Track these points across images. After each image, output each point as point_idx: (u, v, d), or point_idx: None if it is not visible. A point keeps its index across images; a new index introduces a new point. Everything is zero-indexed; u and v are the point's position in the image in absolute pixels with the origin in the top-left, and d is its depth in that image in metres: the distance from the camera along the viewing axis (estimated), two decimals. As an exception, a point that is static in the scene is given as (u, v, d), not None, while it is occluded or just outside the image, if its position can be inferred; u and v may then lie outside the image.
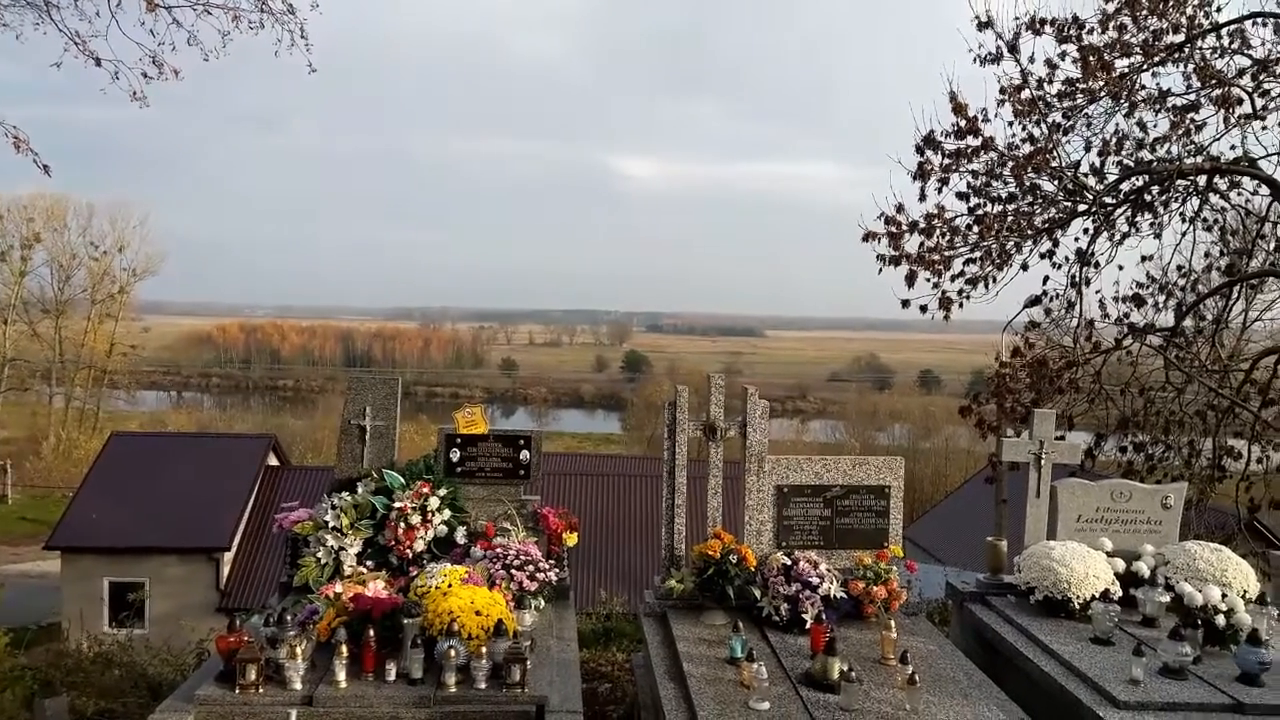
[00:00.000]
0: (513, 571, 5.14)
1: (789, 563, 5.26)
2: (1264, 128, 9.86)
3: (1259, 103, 9.78)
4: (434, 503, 5.66)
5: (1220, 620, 4.83)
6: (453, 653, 4.19)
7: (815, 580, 5.12)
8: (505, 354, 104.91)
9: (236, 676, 4.11)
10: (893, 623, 4.84)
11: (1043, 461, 5.91)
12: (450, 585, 4.65)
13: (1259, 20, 9.81)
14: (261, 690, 4.12)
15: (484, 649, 4.24)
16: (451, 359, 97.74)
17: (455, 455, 6.08)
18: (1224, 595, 4.97)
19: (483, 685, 4.17)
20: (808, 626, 4.91)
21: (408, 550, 5.53)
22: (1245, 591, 5.27)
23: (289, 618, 4.40)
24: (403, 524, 5.55)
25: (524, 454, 6.07)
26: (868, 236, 10.56)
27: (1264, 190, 10.30)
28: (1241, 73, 9.86)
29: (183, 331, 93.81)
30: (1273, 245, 11.17)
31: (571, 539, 5.76)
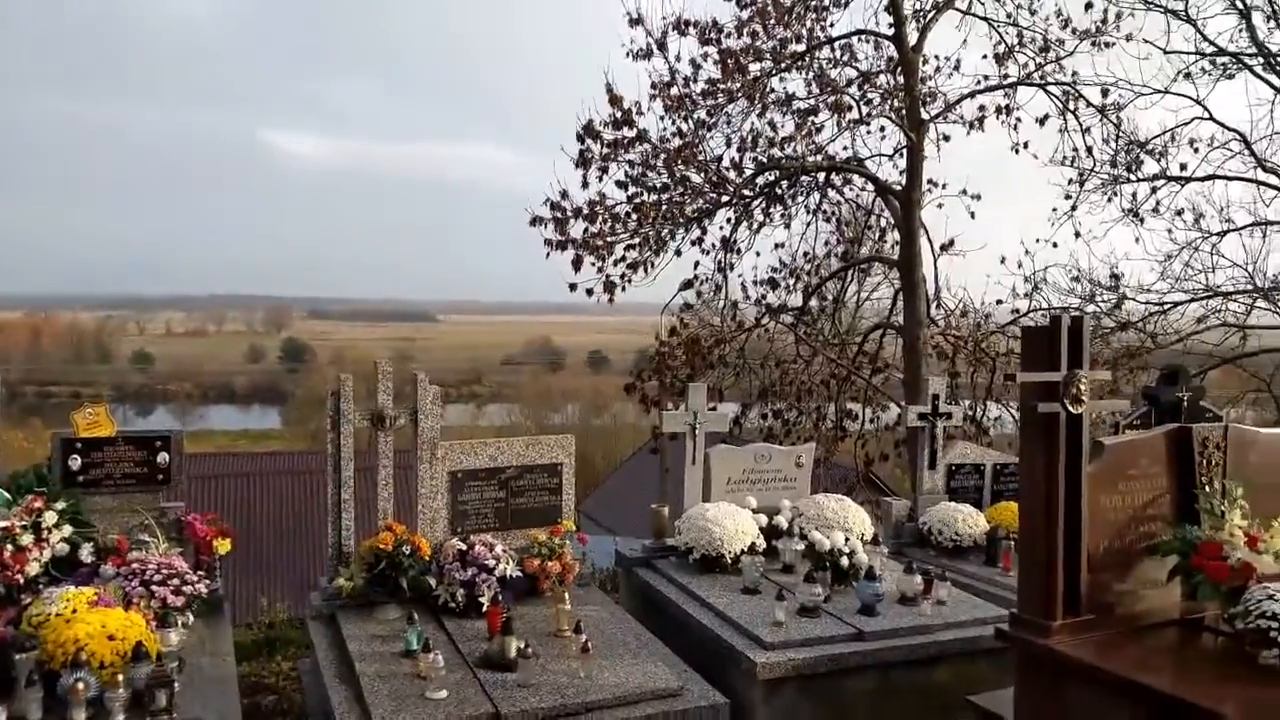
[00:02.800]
0: (153, 588, 4.58)
1: (464, 548, 5.21)
2: (868, 131, 11.39)
3: (864, 109, 11.25)
4: (50, 518, 4.88)
5: (845, 561, 5.51)
6: (81, 686, 3.64)
7: (491, 562, 5.12)
8: (139, 345, 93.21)
9: None
10: (567, 595, 4.97)
11: (697, 431, 6.37)
12: (75, 610, 4.04)
13: (863, 37, 11.27)
14: None
15: (120, 677, 3.73)
16: (70, 353, 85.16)
17: (76, 462, 5.29)
18: (846, 539, 5.68)
19: (121, 718, 3.68)
20: (485, 609, 4.89)
21: (18, 576, 4.72)
22: (863, 534, 6.07)
23: None
24: (10, 546, 4.73)
25: (162, 457, 5.42)
26: (534, 221, 10.75)
27: (870, 186, 11.90)
28: (850, 82, 11.29)
29: None
30: (878, 235, 12.96)
31: (224, 546, 5.25)
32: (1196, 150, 11.70)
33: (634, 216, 10.92)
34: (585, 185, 10.74)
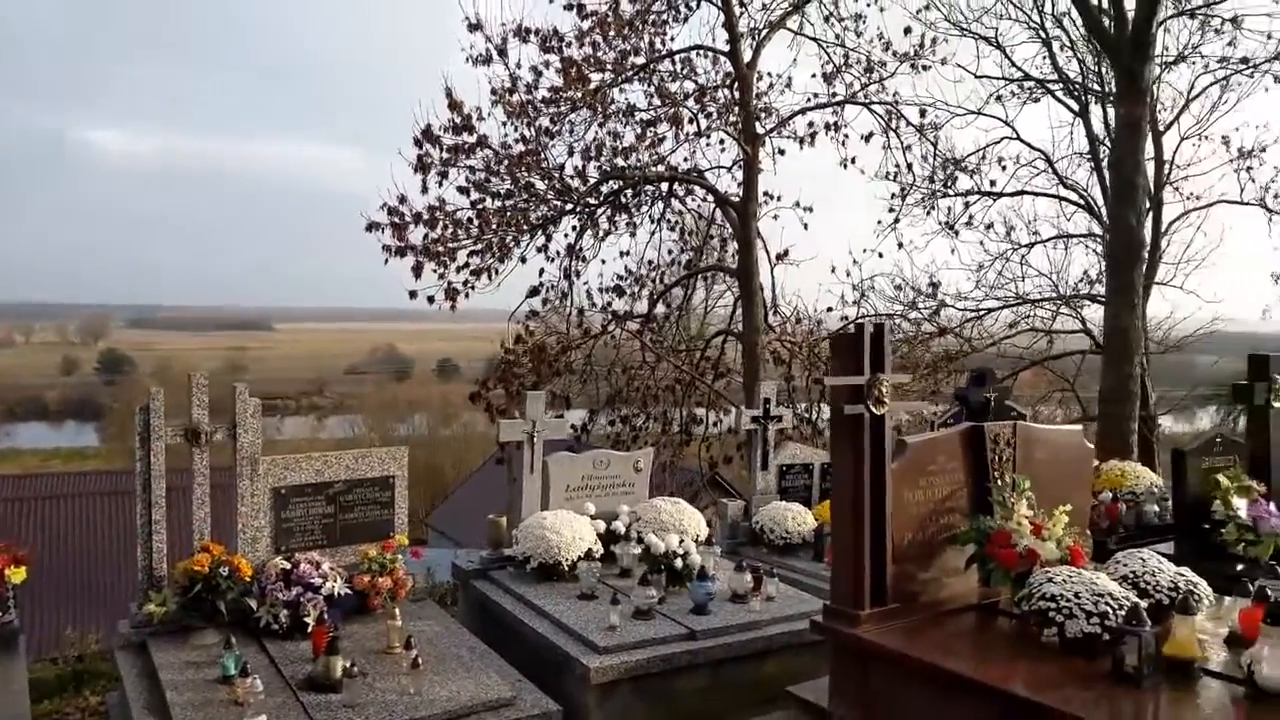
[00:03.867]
0: (-69, 625, 4.19)
1: (289, 567, 5.02)
2: (708, 144, 11.73)
3: (703, 122, 11.58)
4: None
5: (679, 563, 5.64)
6: None
7: (317, 581, 4.95)
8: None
9: None
10: (398, 611, 4.87)
11: (535, 439, 6.37)
12: None
13: (701, 52, 11.61)
14: None
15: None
16: None
17: None
18: (681, 541, 5.82)
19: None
20: (310, 629, 4.72)
21: None
22: (698, 536, 6.23)
23: None
24: None
25: (-54, 479, 4.96)
26: (371, 226, 10.48)
27: (711, 198, 12.25)
28: (688, 96, 11.60)
29: None
30: (719, 244, 13.35)
31: (18, 575, 4.85)
32: (1005, 168, 12.70)
33: (477, 223, 10.82)
34: (425, 190, 10.58)
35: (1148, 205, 14.43)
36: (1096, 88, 13.13)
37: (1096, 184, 13.45)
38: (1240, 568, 5.27)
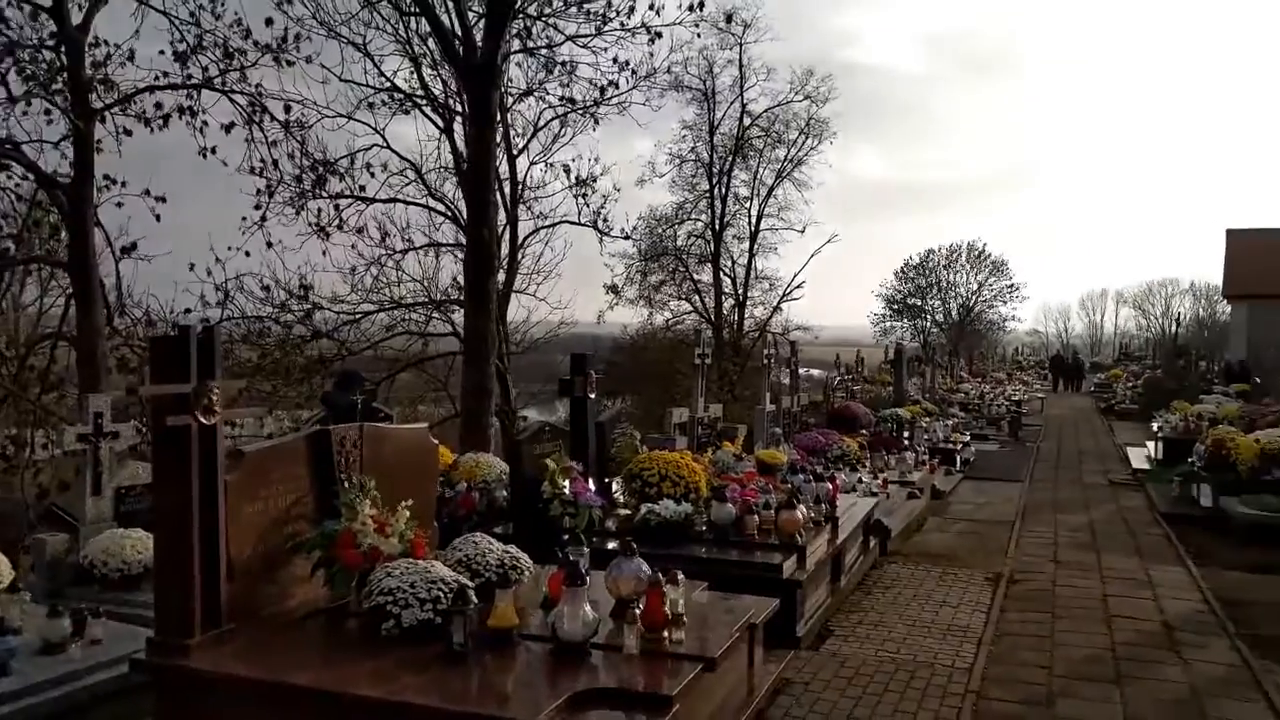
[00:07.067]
0: None
1: None
2: (24, 113, 9.84)
3: (17, 86, 9.69)
4: None
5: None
6: None
7: None
8: None
9: None
10: None
11: None
12: None
13: (16, 2, 9.69)
14: None
15: None
16: None
17: None
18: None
19: None
20: None
21: None
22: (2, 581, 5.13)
23: None
24: None
25: None
26: None
27: (32, 176, 10.31)
28: (-2, 51, 9.60)
29: None
30: (47, 232, 11.33)
31: None
32: (374, 175, 12.98)
33: None
34: None
35: (504, 220, 16.18)
36: (459, 108, 14.19)
37: (463, 198, 14.54)
38: (566, 538, 6.07)
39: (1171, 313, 63.02)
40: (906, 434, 14.39)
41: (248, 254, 11.76)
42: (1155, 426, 15.82)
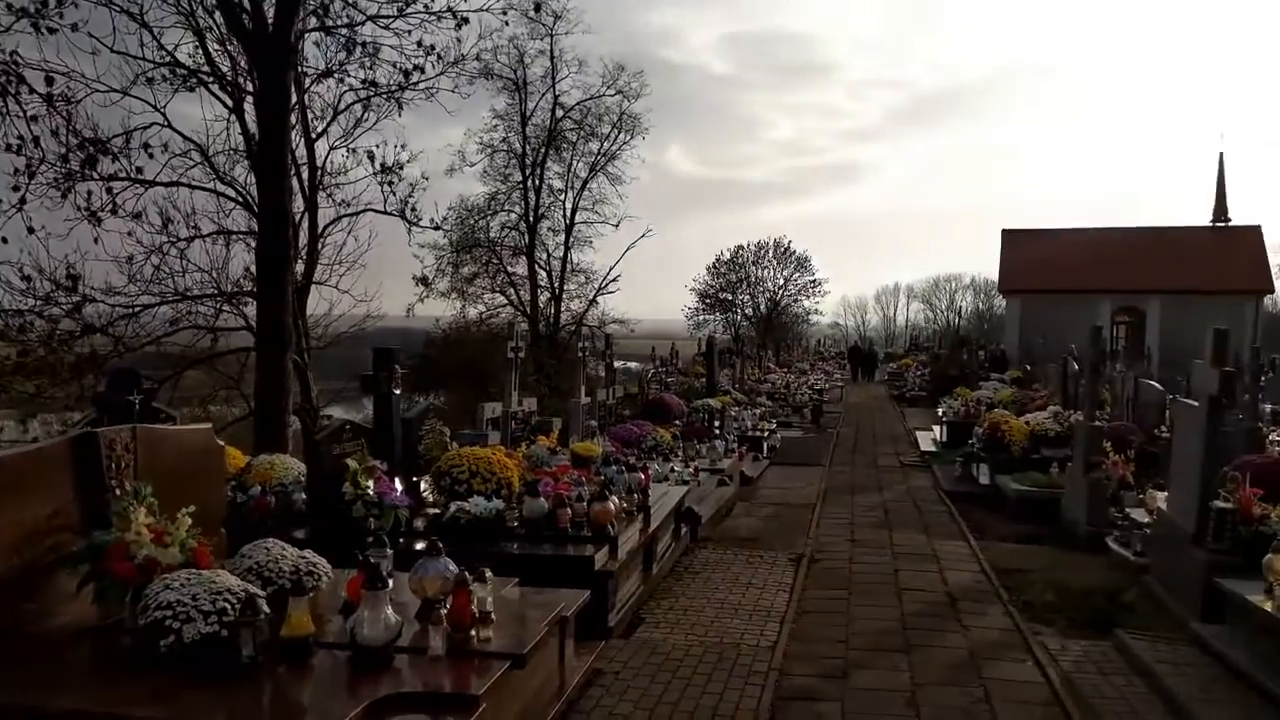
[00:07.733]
0: None
1: None
2: None
3: None
4: None
5: None
6: None
7: None
8: None
9: None
10: None
11: None
12: None
13: None
14: None
15: None
16: None
17: None
18: None
19: None
20: None
21: None
22: None
23: None
24: None
25: None
26: None
27: None
28: None
29: None
30: None
31: None
32: (153, 156, 11.92)
33: None
34: None
35: (303, 207, 15.32)
36: (250, 87, 13.26)
37: (255, 181, 13.59)
38: (370, 541, 5.81)
39: (955, 306, 68.73)
40: (717, 423, 14.87)
41: (4, 240, 10.51)
42: (940, 411, 17.15)
